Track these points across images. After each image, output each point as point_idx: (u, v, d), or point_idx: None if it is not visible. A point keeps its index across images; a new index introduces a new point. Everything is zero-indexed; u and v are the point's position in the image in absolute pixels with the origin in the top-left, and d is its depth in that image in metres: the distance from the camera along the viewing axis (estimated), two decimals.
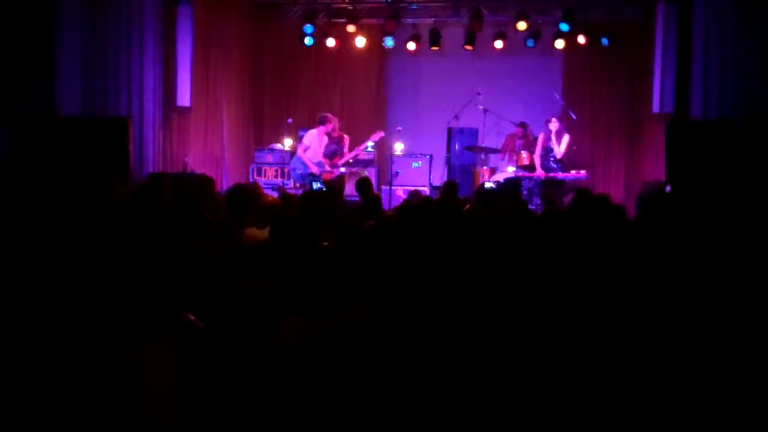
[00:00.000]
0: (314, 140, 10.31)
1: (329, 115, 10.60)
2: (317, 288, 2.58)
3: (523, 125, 11.36)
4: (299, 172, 10.31)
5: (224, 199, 5.74)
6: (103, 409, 2.05)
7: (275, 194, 7.71)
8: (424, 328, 2.42)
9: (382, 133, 10.96)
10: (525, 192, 10.19)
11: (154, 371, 1.81)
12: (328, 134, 10.65)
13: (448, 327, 2.52)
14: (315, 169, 10.25)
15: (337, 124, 10.72)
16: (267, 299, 2.32)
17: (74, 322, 2.44)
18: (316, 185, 10.07)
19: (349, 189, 10.30)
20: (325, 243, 3.44)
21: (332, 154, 10.63)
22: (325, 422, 2.13)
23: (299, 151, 10.35)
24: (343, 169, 10.57)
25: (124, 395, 1.88)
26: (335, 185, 8.21)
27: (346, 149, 10.66)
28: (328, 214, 4.94)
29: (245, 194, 5.63)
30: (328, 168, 10.39)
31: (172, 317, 1.93)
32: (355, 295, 2.46)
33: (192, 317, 1.92)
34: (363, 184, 7.87)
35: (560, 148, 10.45)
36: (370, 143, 11.04)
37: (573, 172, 10.54)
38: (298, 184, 10.42)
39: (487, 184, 9.01)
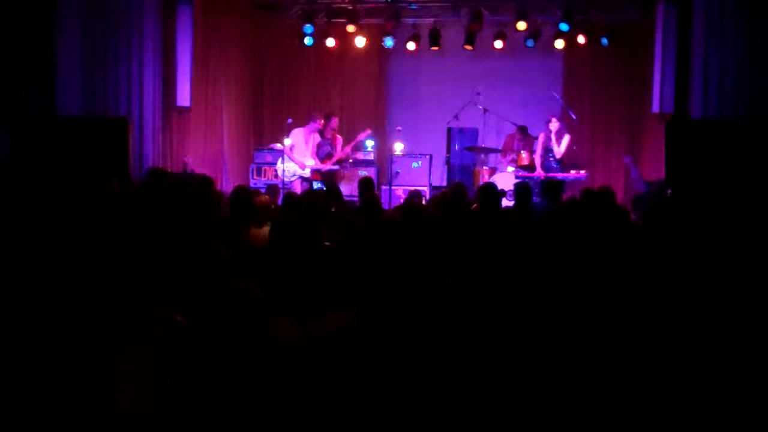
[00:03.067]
0: (299, 138, 10.44)
1: (317, 114, 10.75)
2: (316, 288, 2.58)
3: (522, 130, 11.35)
4: (286, 170, 10.41)
5: (228, 200, 5.74)
6: (80, 399, 2.05)
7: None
8: (421, 330, 2.41)
9: (369, 131, 11.09)
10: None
11: (126, 359, 1.82)
12: (321, 134, 10.74)
13: (446, 329, 2.51)
14: (302, 166, 10.35)
15: (333, 124, 10.82)
16: (264, 302, 2.32)
17: (69, 319, 2.44)
18: (316, 185, 10.09)
19: (349, 189, 10.33)
20: (326, 243, 3.44)
21: (326, 155, 10.71)
22: (322, 423, 2.13)
23: (286, 150, 10.50)
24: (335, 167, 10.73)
25: (100, 387, 1.89)
26: (333, 185, 8.24)
27: (338, 150, 10.75)
28: (327, 214, 4.94)
29: (249, 195, 5.62)
30: (319, 166, 10.47)
31: (150, 311, 1.93)
32: (353, 295, 2.46)
33: (173, 314, 1.92)
34: (365, 185, 7.86)
35: (560, 148, 10.46)
36: (365, 142, 11.14)
37: (573, 172, 10.55)
38: (287, 184, 10.48)
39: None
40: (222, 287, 2.56)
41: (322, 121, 10.80)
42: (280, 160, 10.75)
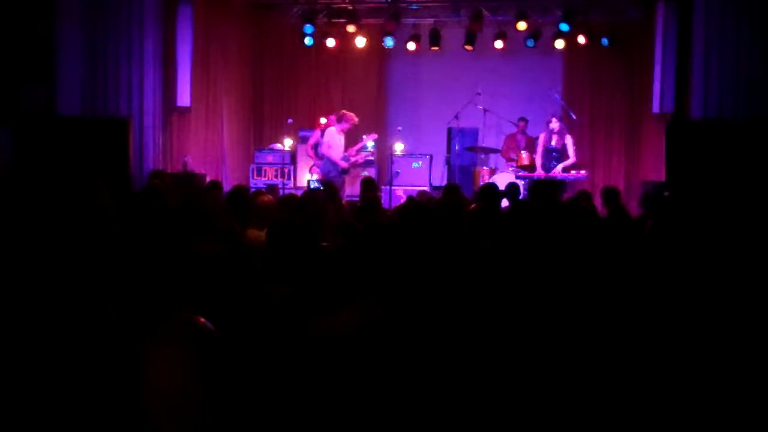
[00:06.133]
0: (334, 137, 10.24)
1: (348, 114, 10.51)
2: (315, 288, 2.58)
3: (524, 120, 11.46)
4: (333, 174, 10.16)
5: (226, 200, 5.74)
6: (108, 409, 2.05)
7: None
8: (424, 329, 2.41)
9: (375, 135, 11.00)
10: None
11: (161, 373, 1.82)
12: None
13: (448, 327, 2.52)
14: (344, 165, 10.21)
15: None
16: (291, 302, 2.32)
17: (79, 323, 2.44)
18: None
19: (353, 189, 10.33)
20: (324, 243, 3.44)
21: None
22: (329, 422, 2.13)
23: (325, 151, 10.15)
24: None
25: (130, 396, 1.88)
26: (332, 185, 8.18)
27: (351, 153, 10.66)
28: (326, 214, 4.94)
29: (245, 195, 5.62)
30: (352, 160, 10.35)
31: (182, 320, 1.93)
32: (353, 295, 2.46)
33: (203, 320, 1.92)
34: (366, 184, 7.86)
35: (571, 154, 10.47)
36: (368, 143, 11.04)
37: (573, 172, 10.55)
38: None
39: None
40: (249, 290, 2.55)
41: (356, 120, 10.57)
42: (326, 162, 10.20)
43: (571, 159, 10.49)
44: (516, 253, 3.18)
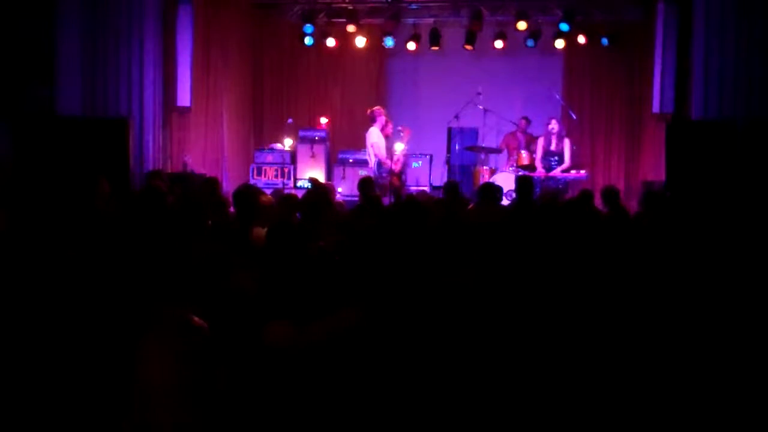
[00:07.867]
0: (381, 137, 10.09)
1: (377, 108, 10.32)
2: (312, 289, 2.58)
3: (526, 119, 11.46)
4: (383, 174, 10.01)
5: (232, 199, 5.74)
6: (103, 405, 2.06)
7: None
8: (420, 330, 2.41)
9: (409, 131, 10.74)
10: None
11: (154, 369, 1.83)
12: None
13: (444, 328, 2.52)
14: (395, 166, 10.13)
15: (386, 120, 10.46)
16: (255, 297, 2.32)
17: (76, 320, 2.44)
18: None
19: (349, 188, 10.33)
20: (321, 243, 3.45)
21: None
22: (319, 425, 2.13)
23: (377, 154, 10.05)
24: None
25: (124, 392, 1.89)
26: (324, 185, 8.11)
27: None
28: (323, 214, 4.94)
29: (251, 194, 5.61)
30: (396, 158, 10.26)
31: (175, 317, 1.94)
32: (349, 297, 2.46)
33: (195, 317, 1.93)
34: (365, 184, 7.86)
35: (566, 158, 10.46)
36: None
37: (573, 172, 10.56)
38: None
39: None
40: (218, 284, 2.56)
41: (384, 112, 10.33)
42: (377, 164, 10.02)
43: (566, 163, 10.51)
44: (514, 253, 3.19)
